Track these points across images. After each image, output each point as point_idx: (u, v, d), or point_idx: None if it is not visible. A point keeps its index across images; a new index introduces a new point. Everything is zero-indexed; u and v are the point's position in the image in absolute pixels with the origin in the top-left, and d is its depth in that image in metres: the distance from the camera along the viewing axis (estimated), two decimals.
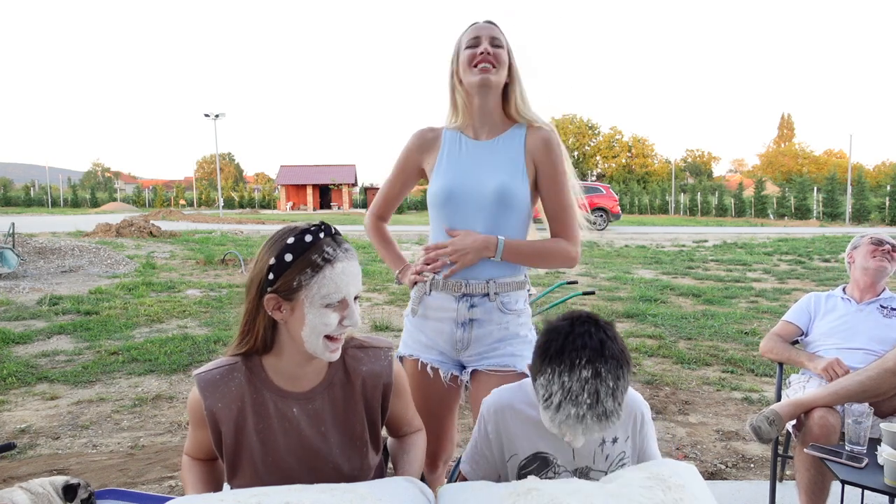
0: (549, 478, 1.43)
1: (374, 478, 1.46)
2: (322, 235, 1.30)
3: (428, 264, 1.82)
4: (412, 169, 1.95)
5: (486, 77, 1.76)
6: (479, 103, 1.82)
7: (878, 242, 2.69)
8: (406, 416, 1.55)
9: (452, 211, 1.80)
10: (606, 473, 1.40)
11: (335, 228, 1.34)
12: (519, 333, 1.82)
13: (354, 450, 1.41)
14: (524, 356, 1.79)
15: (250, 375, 1.36)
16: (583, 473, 1.43)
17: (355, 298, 1.31)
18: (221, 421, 1.34)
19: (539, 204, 1.88)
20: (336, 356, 1.32)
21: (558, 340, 1.28)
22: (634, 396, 1.48)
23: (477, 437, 1.53)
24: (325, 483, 1.29)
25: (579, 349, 1.25)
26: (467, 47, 1.79)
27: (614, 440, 1.43)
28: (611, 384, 1.23)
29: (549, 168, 1.82)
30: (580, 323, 1.30)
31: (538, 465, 1.44)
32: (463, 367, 1.89)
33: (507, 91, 1.84)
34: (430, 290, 1.84)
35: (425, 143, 1.91)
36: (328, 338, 1.30)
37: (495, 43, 1.79)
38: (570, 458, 1.43)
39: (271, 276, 1.27)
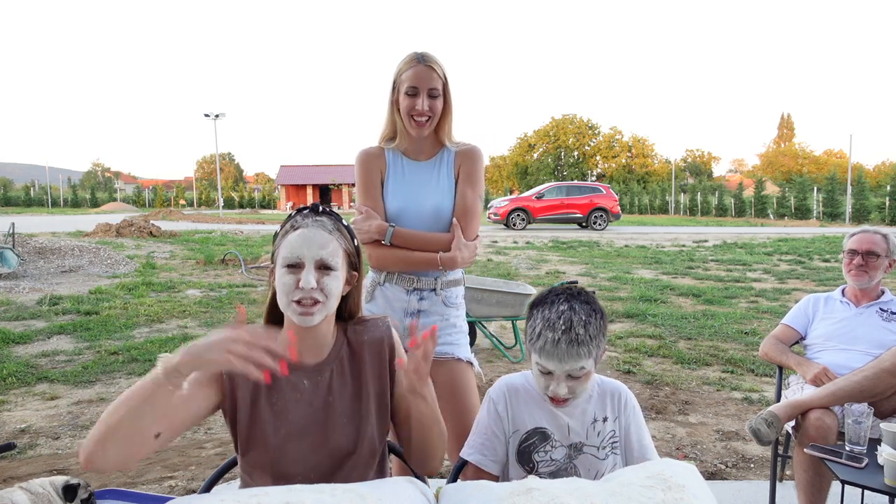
0: (547, 451, 1.59)
1: (376, 471, 1.48)
2: (307, 211, 1.43)
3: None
4: (379, 179, 2.12)
5: (421, 130, 2.02)
6: (415, 134, 2.06)
7: (852, 253, 2.64)
8: None
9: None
10: (598, 449, 1.59)
11: (327, 208, 1.44)
12: (456, 324, 2.13)
13: (361, 420, 1.44)
14: (460, 344, 2.13)
15: None
16: (577, 448, 1.59)
17: (322, 267, 1.35)
18: (238, 385, 1.38)
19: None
20: (309, 321, 1.35)
21: (544, 293, 1.58)
22: (618, 383, 1.67)
23: (486, 423, 1.64)
24: (331, 459, 1.38)
25: (558, 294, 1.55)
26: (407, 94, 1.97)
27: (604, 419, 1.61)
28: (583, 317, 1.47)
29: (466, 167, 2.09)
30: (563, 287, 1.59)
31: (537, 438, 1.60)
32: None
33: (441, 120, 2.05)
34: (384, 282, 2.09)
35: (375, 160, 2.11)
36: (295, 301, 1.34)
37: (432, 94, 1.98)
38: (566, 434, 1.59)
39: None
